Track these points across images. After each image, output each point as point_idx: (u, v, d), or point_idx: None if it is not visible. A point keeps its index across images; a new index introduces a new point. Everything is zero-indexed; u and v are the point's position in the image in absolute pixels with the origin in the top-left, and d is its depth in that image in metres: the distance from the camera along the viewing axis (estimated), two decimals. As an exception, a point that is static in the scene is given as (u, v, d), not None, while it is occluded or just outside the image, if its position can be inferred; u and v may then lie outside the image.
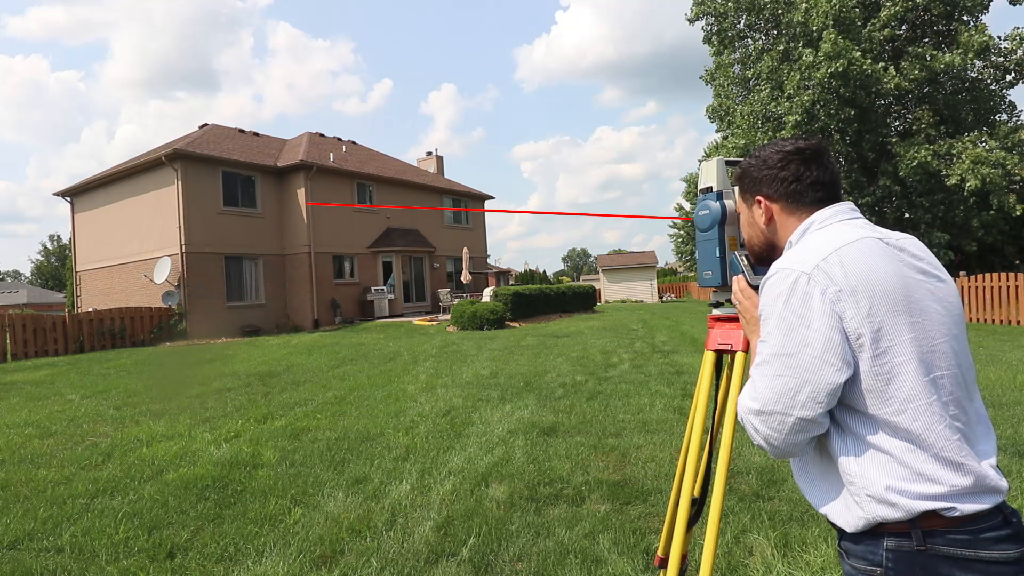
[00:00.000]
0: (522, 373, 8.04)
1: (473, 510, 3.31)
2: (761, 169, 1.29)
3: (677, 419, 5.14)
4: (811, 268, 1.08)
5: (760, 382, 1.10)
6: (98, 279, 20.85)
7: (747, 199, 1.35)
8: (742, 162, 1.37)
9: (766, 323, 1.12)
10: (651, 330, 13.95)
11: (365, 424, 5.45)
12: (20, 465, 4.58)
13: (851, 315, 1.04)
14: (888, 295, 1.05)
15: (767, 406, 1.07)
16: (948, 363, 1.06)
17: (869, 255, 1.09)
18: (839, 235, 1.15)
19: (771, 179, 1.27)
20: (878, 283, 1.06)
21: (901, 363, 1.03)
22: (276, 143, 23.73)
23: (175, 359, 12.88)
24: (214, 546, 2.99)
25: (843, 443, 1.09)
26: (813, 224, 1.22)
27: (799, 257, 1.12)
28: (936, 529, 1.01)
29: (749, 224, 1.37)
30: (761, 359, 1.11)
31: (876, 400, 1.04)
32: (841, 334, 1.04)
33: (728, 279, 1.54)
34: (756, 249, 1.37)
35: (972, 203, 17.17)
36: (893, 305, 1.05)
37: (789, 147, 1.26)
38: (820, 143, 1.27)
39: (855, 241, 1.12)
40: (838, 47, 16.07)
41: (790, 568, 2.56)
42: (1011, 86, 18.30)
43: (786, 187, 1.25)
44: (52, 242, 68.66)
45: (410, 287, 23.81)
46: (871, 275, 1.06)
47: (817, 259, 1.09)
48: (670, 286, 41.86)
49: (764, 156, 1.29)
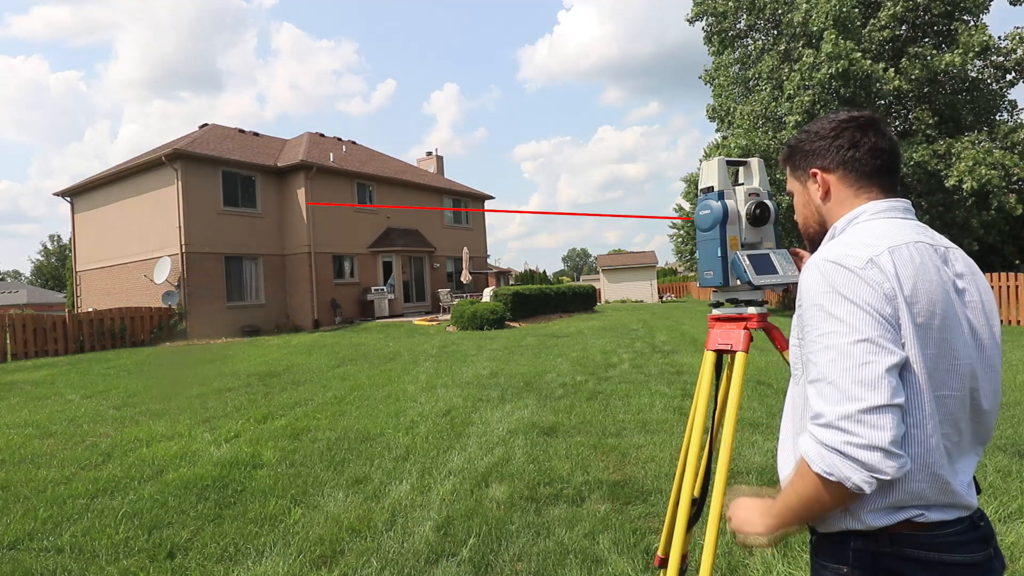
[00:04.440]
0: (522, 373, 8.03)
1: (473, 510, 3.31)
2: (813, 141, 1.20)
3: (677, 419, 5.14)
4: (863, 263, 1.01)
5: (843, 379, 0.93)
6: (98, 279, 20.85)
7: (800, 176, 1.24)
8: (789, 139, 1.26)
9: (822, 320, 1.00)
10: (651, 330, 13.95)
11: (365, 424, 5.45)
12: (20, 465, 4.58)
13: (902, 314, 0.99)
14: (928, 306, 1.00)
15: (866, 400, 0.91)
16: (959, 384, 1.02)
17: (919, 260, 1.03)
18: (894, 231, 1.07)
19: (826, 149, 1.17)
20: (921, 292, 1.00)
21: (913, 372, 0.98)
22: (276, 143, 23.73)
23: (175, 359, 12.88)
24: (214, 546, 2.99)
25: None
26: (863, 214, 1.13)
27: (849, 249, 1.04)
28: (903, 533, 1.00)
29: (804, 205, 1.25)
30: (830, 357, 0.96)
31: None
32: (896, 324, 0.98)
33: (729, 279, 1.54)
34: (812, 232, 1.26)
35: (971, 203, 17.16)
36: (928, 317, 1.00)
37: (842, 115, 1.18)
38: (874, 113, 1.19)
39: (908, 243, 1.05)
40: (839, 48, 16.07)
41: (790, 568, 2.56)
42: (1011, 86, 18.29)
43: (843, 155, 1.15)
44: (52, 242, 68.61)
45: (410, 287, 23.81)
46: (917, 282, 1.00)
47: (870, 252, 1.02)
48: (670, 286, 41.85)
49: (815, 128, 1.20)
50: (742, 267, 1.46)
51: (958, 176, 15.88)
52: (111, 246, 20.16)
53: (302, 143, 22.64)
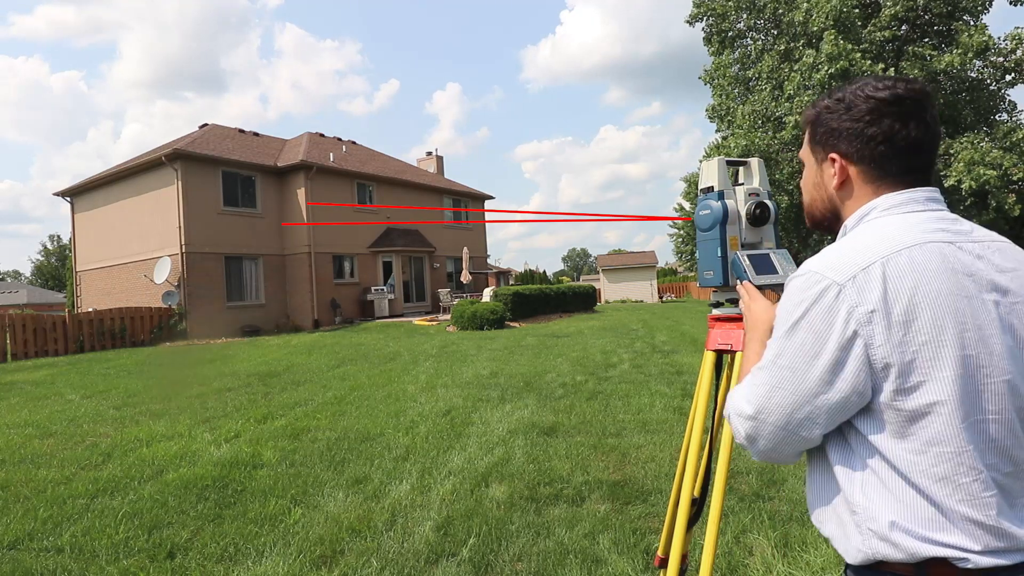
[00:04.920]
0: (522, 373, 8.04)
1: (473, 510, 3.31)
2: (842, 118, 1.01)
3: (677, 419, 5.14)
4: (845, 279, 0.90)
5: (759, 388, 0.98)
6: (98, 279, 20.85)
7: (817, 152, 1.09)
8: (817, 102, 1.09)
9: (779, 326, 0.97)
10: (651, 330, 13.95)
11: (365, 424, 5.45)
12: (20, 465, 4.58)
13: (880, 341, 0.87)
14: (935, 321, 0.87)
15: (761, 414, 0.97)
16: (1001, 405, 0.88)
17: (923, 268, 0.89)
18: (897, 234, 0.94)
19: (854, 134, 1.00)
20: (924, 305, 0.87)
21: (933, 403, 0.86)
22: (276, 143, 23.73)
23: (175, 359, 12.89)
24: (214, 546, 2.99)
25: (849, 467, 0.95)
26: (875, 209, 1.00)
27: (836, 260, 0.94)
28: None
29: (814, 185, 1.12)
30: (765, 362, 0.98)
31: (893, 434, 0.89)
32: (861, 361, 0.89)
33: (730, 279, 1.54)
34: (817, 216, 1.13)
35: (970, 203, 17.18)
36: (938, 333, 0.87)
37: (884, 93, 0.97)
38: (924, 86, 0.99)
39: (912, 247, 0.91)
40: (839, 48, 16.09)
41: (790, 568, 2.56)
42: (1011, 86, 18.32)
43: (872, 148, 0.99)
44: (52, 242, 68.63)
45: (410, 287, 23.81)
46: (917, 294, 0.88)
47: (857, 267, 0.90)
48: (670, 286, 41.88)
49: (850, 101, 1.01)
50: (742, 267, 1.46)
51: (957, 176, 15.89)
52: (111, 246, 20.16)
53: (302, 143, 22.65)
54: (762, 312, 1.22)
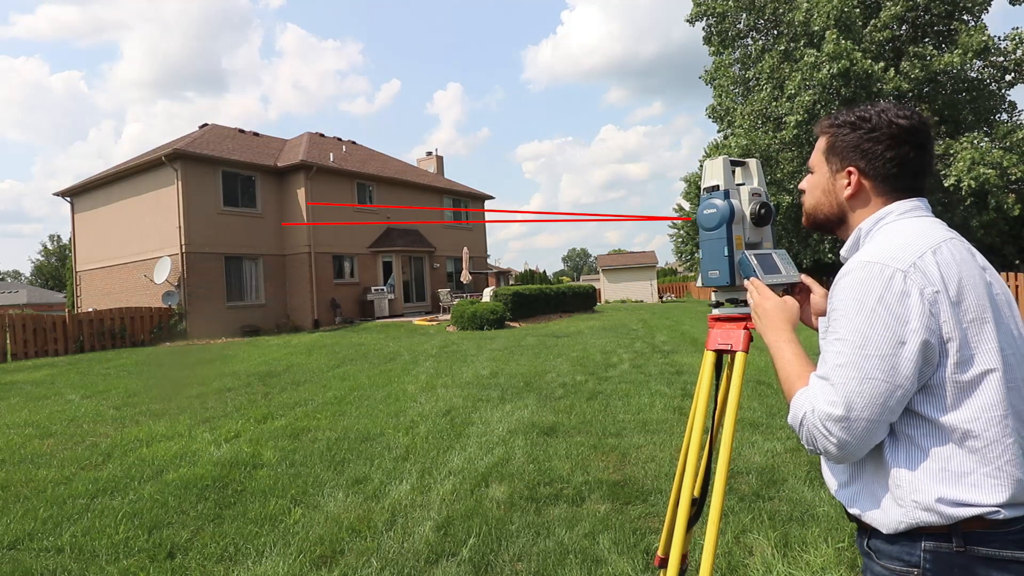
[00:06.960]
0: (522, 373, 8.03)
1: (473, 510, 3.31)
2: (864, 137, 1.14)
3: (677, 419, 5.14)
4: (907, 265, 1.00)
5: (847, 385, 0.99)
6: (98, 279, 20.85)
7: (832, 162, 1.20)
8: (837, 116, 1.21)
9: (850, 319, 1.01)
10: (651, 330, 13.95)
11: (365, 424, 5.44)
12: (20, 465, 4.58)
13: (946, 317, 0.98)
14: (978, 300, 1.01)
15: (854, 411, 0.98)
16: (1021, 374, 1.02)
17: (960, 258, 1.04)
18: (928, 232, 1.08)
19: (873, 155, 1.14)
20: (969, 288, 1.01)
21: (986, 371, 0.98)
22: (276, 143, 23.73)
23: (175, 359, 12.89)
24: (214, 546, 2.99)
25: (895, 447, 1.03)
26: (891, 214, 1.13)
27: (891, 252, 1.03)
28: (976, 531, 0.98)
29: (824, 191, 1.22)
30: (846, 358, 1.00)
31: (950, 406, 0.99)
32: (937, 337, 0.98)
33: (736, 278, 1.53)
34: (821, 218, 1.24)
35: (970, 203, 17.18)
36: (981, 311, 1.00)
37: (903, 122, 1.12)
38: (927, 119, 1.15)
39: (946, 241, 1.06)
40: (840, 47, 16.08)
41: (790, 568, 2.56)
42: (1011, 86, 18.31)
43: (887, 169, 1.13)
44: (52, 242, 68.59)
45: (410, 287, 23.81)
46: (963, 278, 1.01)
47: (914, 255, 1.02)
48: (670, 286, 41.88)
49: (874, 123, 1.13)
50: (750, 266, 1.45)
51: (956, 175, 15.88)
52: (111, 246, 20.16)
53: (302, 143, 22.64)
54: (778, 309, 1.25)
